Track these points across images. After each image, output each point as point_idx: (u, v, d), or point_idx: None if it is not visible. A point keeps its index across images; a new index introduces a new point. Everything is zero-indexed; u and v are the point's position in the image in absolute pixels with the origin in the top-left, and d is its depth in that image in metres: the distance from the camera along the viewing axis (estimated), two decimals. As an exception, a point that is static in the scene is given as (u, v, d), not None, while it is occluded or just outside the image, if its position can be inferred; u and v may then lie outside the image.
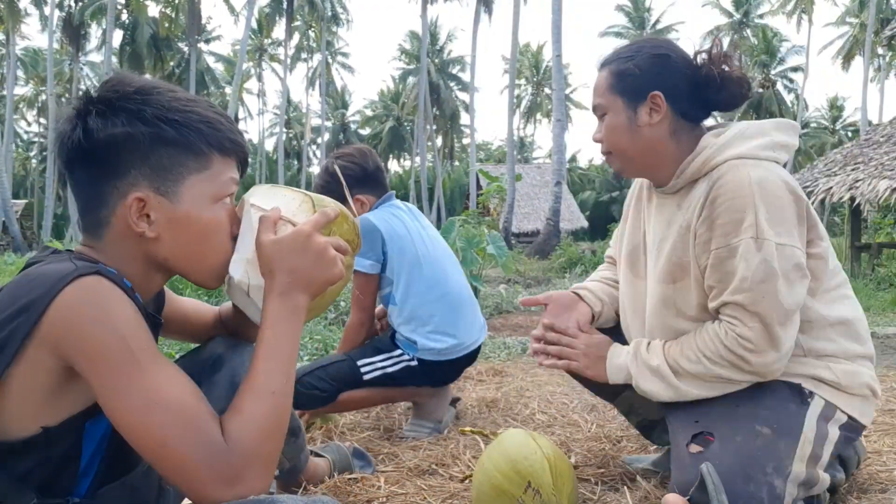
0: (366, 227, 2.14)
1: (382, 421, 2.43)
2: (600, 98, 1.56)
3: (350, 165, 2.27)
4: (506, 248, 7.64)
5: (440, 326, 2.20)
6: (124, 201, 0.99)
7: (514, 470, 1.34)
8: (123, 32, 35.56)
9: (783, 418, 1.40)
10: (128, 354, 0.88)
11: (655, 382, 1.49)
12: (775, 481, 1.32)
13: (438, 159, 45.03)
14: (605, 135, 1.57)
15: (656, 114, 1.50)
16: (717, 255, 1.42)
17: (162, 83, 1.04)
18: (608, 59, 1.59)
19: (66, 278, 0.88)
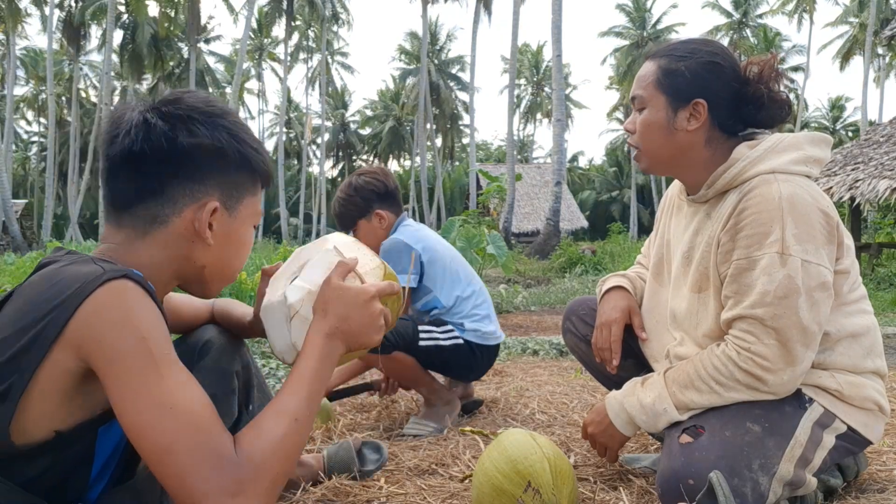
0: (400, 247, 2.32)
1: (382, 421, 2.44)
2: (642, 90, 1.53)
3: (373, 182, 2.43)
4: (506, 248, 7.65)
5: (482, 316, 2.39)
6: (195, 205, 1.04)
7: (514, 470, 1.35)
8: (123, 32, 35.55)
9: (776, 418, 1.40)
10: (147, 358, 0.89)
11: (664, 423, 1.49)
12: (761, 478, 1.33)
13: (438, 159, 45.02)
14: (640, 129, 1.54)
15: (695, 121, 1.48)
16: (738, 265, 1.40)
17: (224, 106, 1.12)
18: (660, 51, 1.55)
19: (96, 281, 0.89)
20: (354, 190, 2.41)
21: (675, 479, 1.34)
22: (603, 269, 11.80)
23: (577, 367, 3.41)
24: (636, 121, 1.55)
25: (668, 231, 1.69)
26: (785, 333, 1.35)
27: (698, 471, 1.32)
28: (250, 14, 30.43)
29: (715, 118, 1.49)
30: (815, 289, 1.36)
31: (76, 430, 0.94)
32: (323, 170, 42.11)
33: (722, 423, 1.39)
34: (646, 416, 1.50)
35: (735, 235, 1.41)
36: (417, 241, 2.37)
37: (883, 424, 1.50)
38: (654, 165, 1.57)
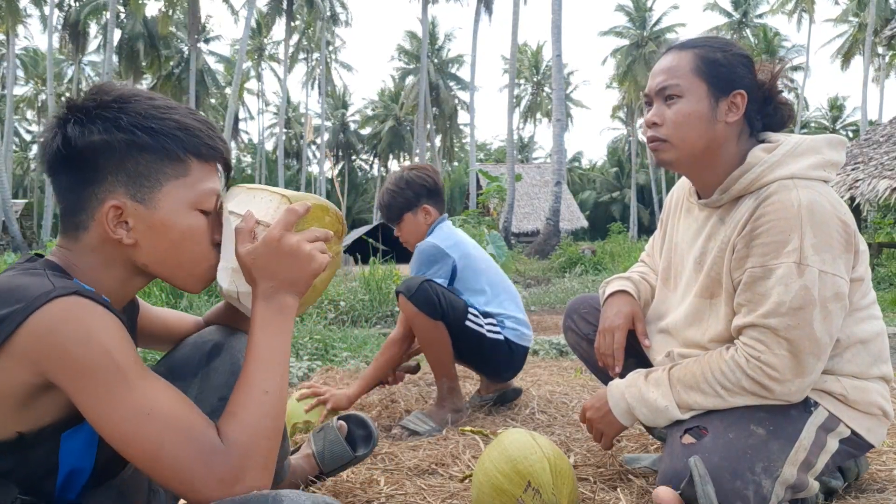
0: (433, 251, 2.36)
1: (382, 421, 2.43)
2: (678, 79, 1.45)
3: (425, 177, 2.48)
4: (506, 247, 7.65)
5: (518, 319, 2.44)
6: (101, 207, 0.99)
7: (514, 469, 1.34)
8: (122, 32, 35.55)
9: (781, 421, 1.39)
10: (114, 369, 0.88)
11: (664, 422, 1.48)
12: (763, 481, 1.32)
13: (438, 159, 45.01)
14: (675, 119, 1.46)
15: (734, 113, 1.45)
16: (752, 273, 1.38)
17: (142, 91, 1.05)
18: (693, 42, 1.50)
19: (43, 298, 0.87)
20: (406, 183, 2.45)
21: (677, 481, 1.34)
22: (603, 269, 11.80)
23: (577, 367, 3.41)
24: (662, 113, 1.47)
25: (675, 234, 1.67)
26: (797, 345, 1.34)
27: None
28: (250, 14, 30.40)
29: (749, 112, 1.47)
30: (829, 300, 1.34)
31: (39, 434, 0.93)
32: (323, 170, 42.14)
33: (725, 424, 1.39)
34: (646, 410, 1.50)
35: (751, 242, 1.39)
36: (453, 246, 2.39)
37: (886, 429, 1.49)
38: (682, 158, 1.50)
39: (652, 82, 1.51)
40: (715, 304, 1.50)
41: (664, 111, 1.47)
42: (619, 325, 1.69)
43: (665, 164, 1.54)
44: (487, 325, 2.33)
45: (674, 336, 1.61)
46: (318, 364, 3.61)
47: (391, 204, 2.47)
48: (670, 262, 1.68)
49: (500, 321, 2.38)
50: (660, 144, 1.49)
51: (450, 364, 2.31)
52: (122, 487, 1.07)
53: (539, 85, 52.11)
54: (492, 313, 2.38)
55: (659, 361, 1.63)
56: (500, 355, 2.36)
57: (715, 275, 1.48)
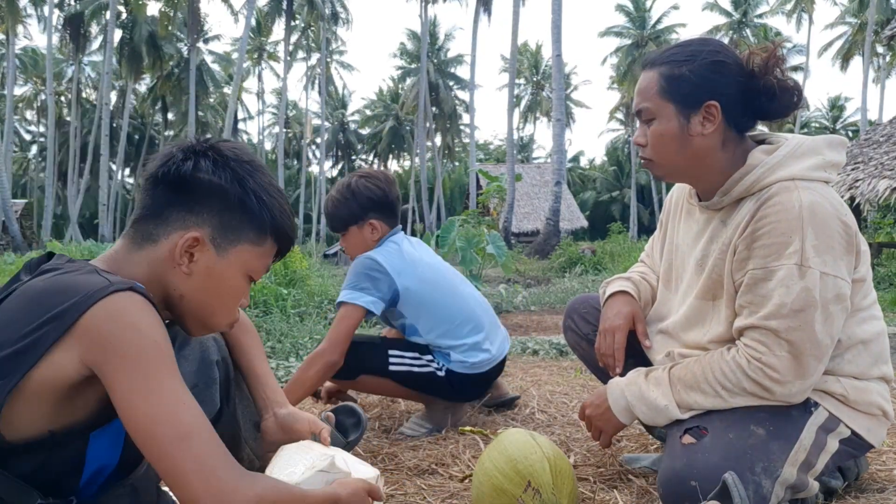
0: (372, 266, 2.15)
1: (382, 421, 2.43)
2: (647, 102, 1.47)
3: (373, 188, 2.24)
4: (505, 247, 7.65)
5: (471, 346, 2.23)
6: (182, 233, 1.08)
7: (513, 469, 1.34)
8: (122, 32, 35.54)
9: (781, 422, 1.39)
10: (161, 358, 0.94)
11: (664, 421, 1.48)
12: (763, 481, 1.32)
13: (438, 159, 45.00)
14: (651, 141, 1.48)
15: (710, 124, 1.43)
16: (753, 275, 1.38)
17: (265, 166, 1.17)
18: (657, 59, 1.49)
19: (103, 291, 0.93)
20: (352, 193, 2.23)
21: (678, 480, 1.34)
22: (603, 268, 11.80)
23: (577, 367, 3.41)
24: (646, 133, 1.49)
25: (676, 236, 1.66)
26: (798, 346, 1.34)
27: (701, 472, 1.32)
28: (250, 14, 30.39)
29: (729, 118, 1.44)
30: (830, 301, 1.34)
31: (69, 432, 0.96)
32: (322, 170, 42.11)
33: (725, 424, 1.39)
34: (646, 409, 1.50)
35: (752, 244, 1.38)
36: (402, 271, 2.16)
37: (886, 429, 1.49)
38: (669, 175, 1.54)
39: (634, 103, 1.53)
40: (717, 306, 1.49)
41: (646, 132, 1.49)
42: (620, 325, 1.68)
43: (659, 178, 1.58)
44: (416, 362, 2.20)
45: (674, 337, 1.61)
46: (317, 364, 3.61)
47: (334, 214, 2.25)
48: (671, 263, 1.68)
49: (446, 354, 2.21)
50: (647, 163, 1.53)
51: (411, 395, 2.28)
52: (137, 484, 1.10)
53: (539, 85, 52.08)
54: (438, 346, 2.22)
55: (659, 361, 1.62)
56: (438, 388, 2.23)
57: (716, 276, 1.48)
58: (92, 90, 44.85)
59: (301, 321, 4.80)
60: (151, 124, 46.97)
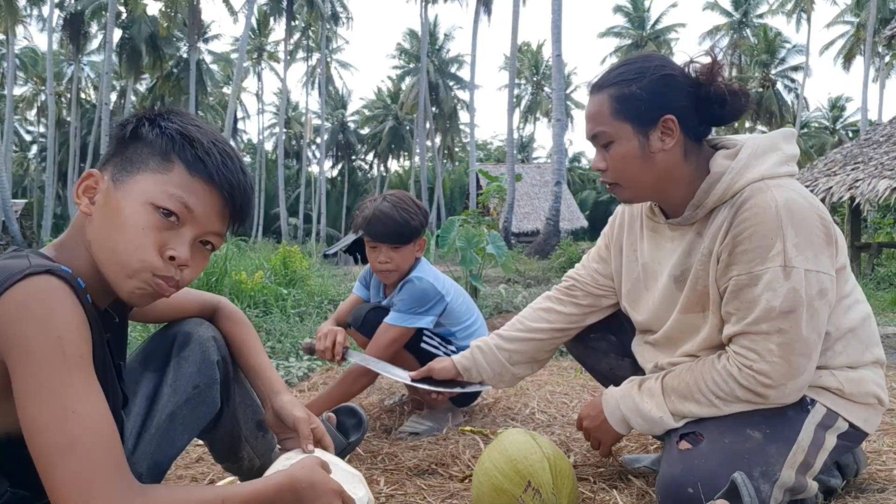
0: (432, 291, 2.24)
1: (382, 421, 2.43)
2: (602, 126, 1.44)
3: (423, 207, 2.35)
4: (505, 247, 7.64)
5: None
6: None
7: (513, 469, 1.34)
8: (122, 32, 35.54)
9: (778, 424, 1.39)
10: (59, 357, 0.87)
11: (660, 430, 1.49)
12: (762, 485, 1.32)
13: (438, 159, 45.00)
14: (612, 164, 1.46)
15: (669, 138, 1.41)
16: (738, 281, 1.37)
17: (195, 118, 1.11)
18: (603, 82, 1.46)
19: (16, 276, 0.88)
20: (418, 207, 2.25)
21: (675, 487, 1.34)
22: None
23: (577, 367, 3.41)
24: (605, 158, 1.47)
25: (640, 254, 1.63)
26: (787, 348, 1.34)
27: (699, 478, 1.32)
28: (250, 14, 30.39)
29: (686, 129, 1.43)
30: (815, 298, 1.34)
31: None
32: (322, 169, 42.10)
33: (721, 429, 1.39)
34: (641, 421, 1.51)
35: (734, 250, 1.38)
36: (443, 287, 2.29)
37: (880, 416, 1.50)
38: (638, 195, 1.51)
39: (586, 129, 1.50)
40: (707, 317, 1.49)
41: (605, 156, 1.47)
42: None
43: (625, 201, 1.56)
44: (443, 347, 2.27)
45: (663, 351, 1.61)
46: (318, 364, 3.61)
47: (406, 225, 2.19)
48: (638, 281, 1.65)
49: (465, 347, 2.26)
50: (613, 188, 1.51)
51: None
52: None
53: (539, 85, 52.09)
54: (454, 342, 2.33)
55: (649, 370, 1.64)
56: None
57: (702, 288, 1.47)
58: (92, 90, 44.87)
59: (301, 321, 4.80)
60: (151, 124, 46.90)
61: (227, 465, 1.53)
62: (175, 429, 1.28)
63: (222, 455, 1.49)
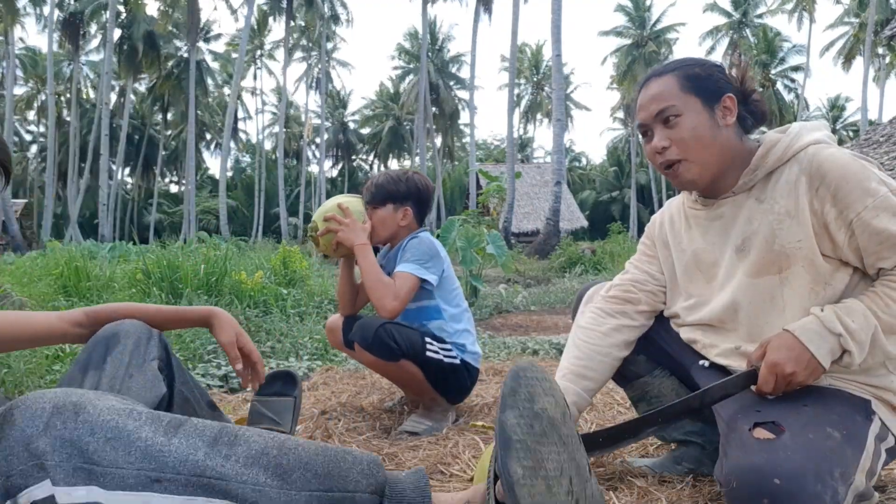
0: (434, 246, 2.38)
1: (382, 421, 2.43)
2: (670, 100, 1.48)
3: (423, 185, 2.49)
4: (505, 247, 7.64)
5: (473, 339, 2.46)
6: None
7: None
8: (122, 31, 35.55)
9: (851, 427, 1.35)
10: None
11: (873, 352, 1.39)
12: (839, 487, 1.26)
13: (438, 159, 45.01)
14: (679, 138, 1.48)
15: (730, 115, 1.49)
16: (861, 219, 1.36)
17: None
18: (668, 67, 1.55)
19: None
20: (407, 178, 2.46)
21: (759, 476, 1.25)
22: (603, 268, 11.80)
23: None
24: (668, 136, 1.49)
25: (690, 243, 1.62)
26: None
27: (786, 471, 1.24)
28: (250, 13, 30.39)
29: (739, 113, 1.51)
30: None
31: None
32: (322, 169, 42.11)
33: (802, 423, 1.33)
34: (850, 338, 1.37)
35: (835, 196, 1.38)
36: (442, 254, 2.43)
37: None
38: (703, 172, 1.50)
39: (645, 112, 1.52)
40: (787, 278, 1.45)
41: (668, 134, 1.49)
42: None
43: (687, 184, 1.52)
44: (444, 353, 2.32)
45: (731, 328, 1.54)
46: (318, 364, 3.61)
47: (383, 185, 2.44)
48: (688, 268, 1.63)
49: (461, 345, 2.38)
50: (678, 165, 1.49)
51: (424, 386, 2.32)
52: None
53: (539, 85, 52.12)
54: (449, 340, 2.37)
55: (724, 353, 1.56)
56: (458, 379, 2.35)
57: (779, 248, 1.44)
58: (91, 90, 44.88)
59: (301, 321, 4.80)
60: (151, 124, 47.00)
61: None
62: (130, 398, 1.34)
63: None
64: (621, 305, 1.73)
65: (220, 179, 31.77)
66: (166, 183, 55.90)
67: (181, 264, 5.31)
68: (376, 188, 2.44)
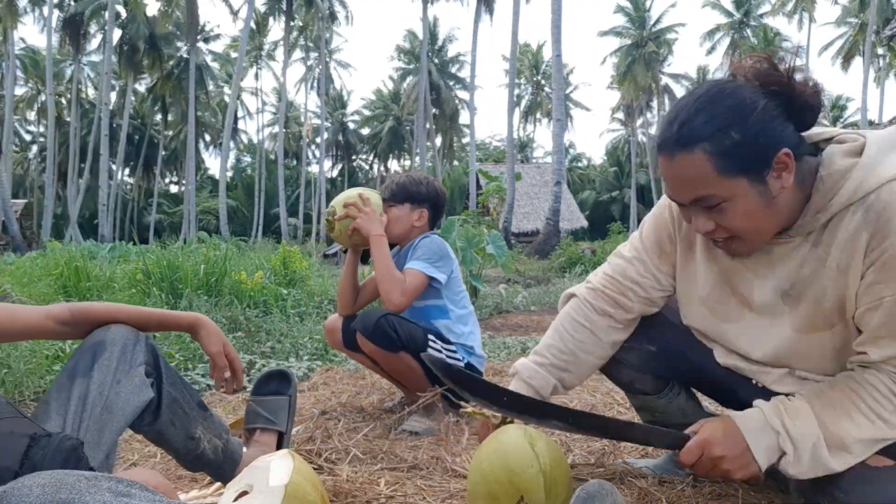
0: (444, 246, 2.43)
1: (382, 420, 2.43)
2: (709, 189, 1.21)
3: (441, 191, 2.58)
4: (505, 247, 7.64)
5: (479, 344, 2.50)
6: None
7: (509, 481, 1.33)
8: (122, 31, 35.55)
9: None
10: None
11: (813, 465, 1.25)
12: None
13: (438, 159, 45.01)
14: (732, 223, 1.25)
15: (786, 174, 1.21)
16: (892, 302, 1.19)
17: None
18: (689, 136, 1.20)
19: None
20: (427, 182, 2.52)
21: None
22: (603, 268, 11.79)
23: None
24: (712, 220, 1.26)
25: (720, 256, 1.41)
26: None
27: None
28: (250, 14, 30.39)
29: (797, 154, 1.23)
30: None
31: None
32: (322, 170, 42.11)
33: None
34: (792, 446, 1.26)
35: (883, 266, 1.19)
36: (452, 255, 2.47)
37: None
38: (759, 242, 1.31)
39: (676, 194, 1.29)
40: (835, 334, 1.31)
41: (713, 217, 1.26)
42: None
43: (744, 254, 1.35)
44: (447, 353, 2.34)
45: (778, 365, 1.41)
46: (318, 364, 3.61)
47: (405, 184, 2.49)
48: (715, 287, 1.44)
49: (470, 347, 2.41)
50: (731, 243, 1.30)
51: (424, 382, 2.32)
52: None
53: (539, 85, 52.11)
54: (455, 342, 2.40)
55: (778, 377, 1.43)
56: None
57: (830, 305, 1.28)
58: (92, 90, 44.88)
59: (301, 321, 4.80)
60: (151, 124, 47.00)
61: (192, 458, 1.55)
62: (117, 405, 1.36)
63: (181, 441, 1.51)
64: (612, 308, 1.58)
65: (220, 179, 31.77)
66: (166, 183, 55.93)
67: (181, 264, 5.31)
68: (397, 186, 2.49)
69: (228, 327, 4.24)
